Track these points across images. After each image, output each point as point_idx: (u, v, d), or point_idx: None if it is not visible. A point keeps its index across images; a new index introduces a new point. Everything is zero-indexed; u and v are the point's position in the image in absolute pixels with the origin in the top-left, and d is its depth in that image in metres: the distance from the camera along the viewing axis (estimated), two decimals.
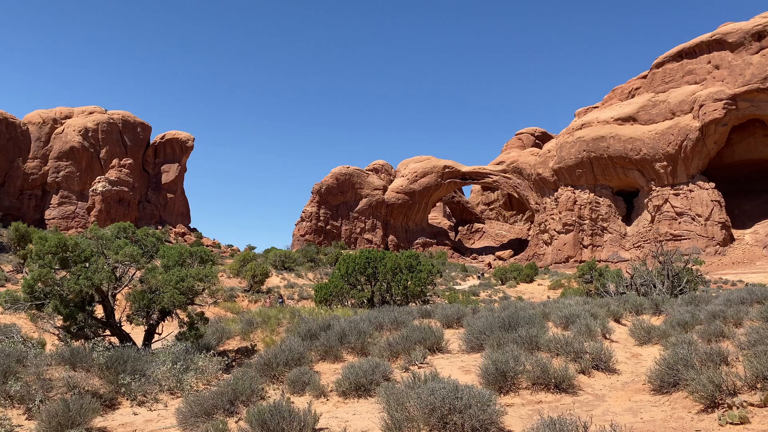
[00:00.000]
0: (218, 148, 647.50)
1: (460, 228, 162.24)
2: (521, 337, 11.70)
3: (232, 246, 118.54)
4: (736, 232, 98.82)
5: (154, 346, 16.12)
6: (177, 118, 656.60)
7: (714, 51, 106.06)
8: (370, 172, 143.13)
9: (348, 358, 12.94)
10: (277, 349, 12.58)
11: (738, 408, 7.44)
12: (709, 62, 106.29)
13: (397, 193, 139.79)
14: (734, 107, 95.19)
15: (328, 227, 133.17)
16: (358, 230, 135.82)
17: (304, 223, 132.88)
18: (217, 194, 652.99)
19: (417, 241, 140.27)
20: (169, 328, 17.08)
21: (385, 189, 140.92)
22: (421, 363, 11.76)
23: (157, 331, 16.47)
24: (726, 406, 7.65)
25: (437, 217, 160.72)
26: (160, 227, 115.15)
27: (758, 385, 7.86)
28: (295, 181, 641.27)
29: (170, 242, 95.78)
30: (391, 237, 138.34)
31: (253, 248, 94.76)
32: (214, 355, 13.63)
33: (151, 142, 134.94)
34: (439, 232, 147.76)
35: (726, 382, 7.86)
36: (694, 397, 8.03)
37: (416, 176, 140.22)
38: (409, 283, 28.70)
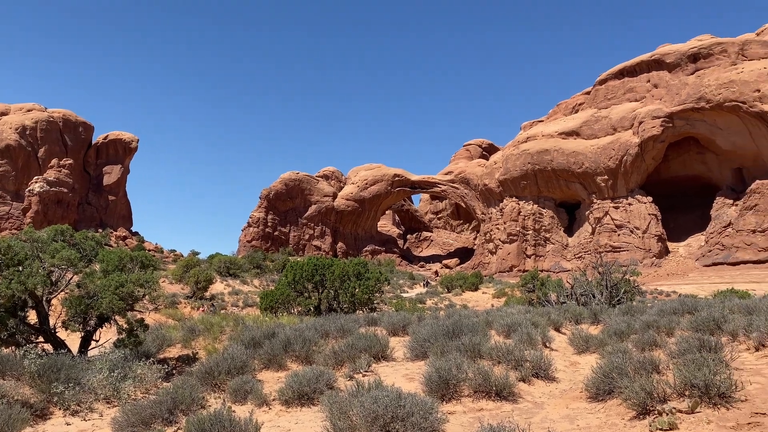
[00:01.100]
0: (164, 150, 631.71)
1: (408, 236, 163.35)
2: (464, 345, 11.87)
3: (175, 251, 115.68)
4: (671, 245, 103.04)
5: (90, 353, 15.59)
6: (121, 119, 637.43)
7: (653, 70, 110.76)
8: (320, 179, 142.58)
9: (292, 367, 12.84)
10: (219, 357, 12.37)
11: (667, 415, 7.76)
12: (649, 81, 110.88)
13: (347, 200, 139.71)
14: (671, 125, 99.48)
15: (276, 233, 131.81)
16: (307, 237, 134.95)
17: (251, 228, 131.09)
18: (162, 197, 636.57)
19: (366, 248, 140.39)
20: (108, 335, 16.56)
21: (334, 196, 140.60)
22: (366, 371, 11.78)
23: (94, 337, 15.93)
24: (656, 412, 7.96)
25: (386, 224, 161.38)
26: (100, 230, 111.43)
27: (686, 393, 8.21)
28: (243, 186, 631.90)
29: (111, 246, 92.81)
30: (340, 244, 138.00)
31: (197, 254, 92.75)
32: (154, 363, 13.29)
33: (94, 142, 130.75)
34: (388, 240, 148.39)
35: (657, 390, 8.18)
36: (628, 404, 8.32)
37: (366, 184, 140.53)
38: (356, 290, 28.68)
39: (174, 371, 14.17)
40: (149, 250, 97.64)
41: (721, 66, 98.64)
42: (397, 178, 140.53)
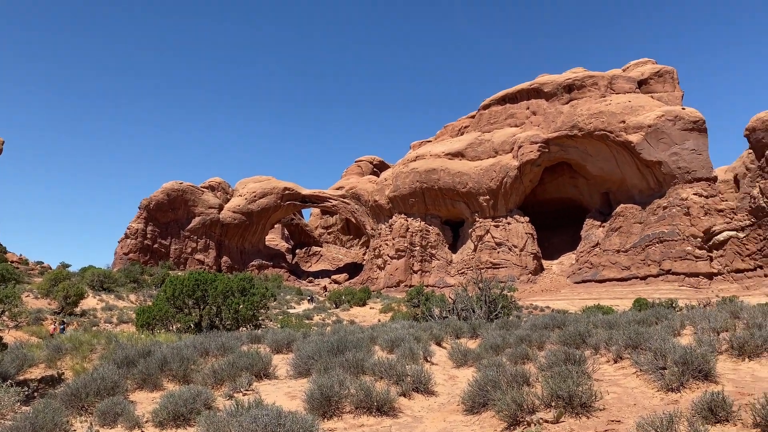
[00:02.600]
0: (33, 153, 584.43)
1: (297, 251, 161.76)
2: (348, 361, 11.94)
3: (43, 263, 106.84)
4: (545, 263, 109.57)
5: None
6: None
7: (532, 98, 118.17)
8: (205, 190, 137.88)
9: (169, 387, 12.30)
10: (87, 377, 11.58)
11: (535, 425, 8.22)
12: (528, 108, 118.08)
13: (234, 212, 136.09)
14: (547, 150, 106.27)
15: (156, 246, 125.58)
16: (189, 250, 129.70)
17: (128, 240, 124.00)
18: (29, 205, 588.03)
19: (253, 262, 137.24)
20: None
21: (221, 208, 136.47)
22: (247, 390, 11.51)
23: None
24: (525, 423, 8.41)
25: (275, 239, 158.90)
26: None
27: (553, 403, 8.74)
28: (121, 195, 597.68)
29: None
30: (225, 258, 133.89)
31: (68, 266, 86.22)
32: (12, 385, 12.20)
33: None
34: (276, 255, 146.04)
35: (526, 402, 8.65)
36: (500, 416, 8.72)
37: (255, 196, 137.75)
38: (240, 306, 27.98)
39: (36, 394, 13.09)
40: (12, 262, 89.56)
41: (592, 97, 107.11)
42: (287, 192, 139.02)
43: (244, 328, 27.25)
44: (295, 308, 65.22)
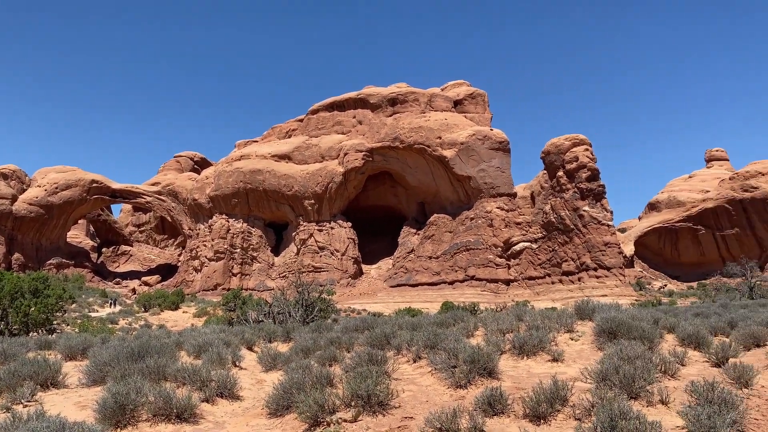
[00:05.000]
0: None
1: (104, 249, 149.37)
2: (149, 367, 11.37)
3: None
4: (365, 267, 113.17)
5: None
6: None
7: (359, 108, 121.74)
8: None
9: None
10: None
11: (334, 425, 8.52)
12: (355, 117, 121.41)
13: (31, 204, 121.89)
14: (371, 159, 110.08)
15: None
16: None
17: None
18: None
19: (51, 261, 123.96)
20: None
21: (14, 199, 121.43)
22: (29, 400, 10.45)
23: None
24: (326, 423, 8.68)
25: (78, 235, 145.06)
26: None
27: (352, 403, 9.12)
28: None
29: None
30: (17, 255, 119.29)
31: None
32: None
33: None
34: (79, 253, 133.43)
35: (328, 402, 8.93)
36: (302, 418, 8.90)
37: (57, 188, 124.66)
38: (32, 309, 25.26)
39: None
40: None
41: (414, 112, 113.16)
42: (95, 185, 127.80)
43: (36, 334, 24.62)
44: (98, 312, 60.17)
